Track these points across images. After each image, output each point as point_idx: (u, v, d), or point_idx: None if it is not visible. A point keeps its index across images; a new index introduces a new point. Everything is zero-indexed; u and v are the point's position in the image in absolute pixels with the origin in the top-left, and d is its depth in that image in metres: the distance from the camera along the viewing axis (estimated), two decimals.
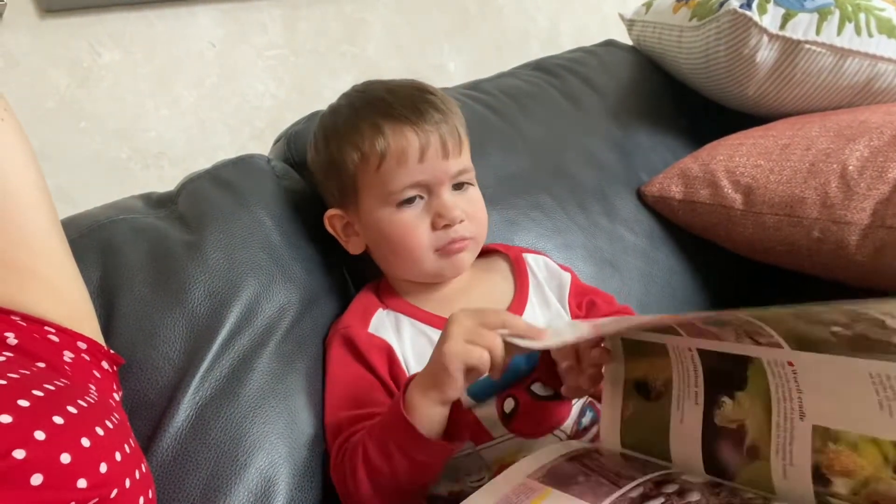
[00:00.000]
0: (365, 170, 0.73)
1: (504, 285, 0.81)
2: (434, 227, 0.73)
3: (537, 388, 0.71)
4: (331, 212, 0.79)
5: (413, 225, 0.73)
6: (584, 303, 0.82)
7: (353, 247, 0.79)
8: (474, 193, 0.77)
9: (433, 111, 0.73)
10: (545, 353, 0.73)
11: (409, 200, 0.73)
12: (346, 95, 0.80)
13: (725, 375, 0.55)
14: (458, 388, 0.59)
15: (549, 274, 0.83)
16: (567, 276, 0.83)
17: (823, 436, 0.49)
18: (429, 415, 0.60)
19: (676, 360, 0.59)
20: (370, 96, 0.77)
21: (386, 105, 0.74)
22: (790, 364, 0.50)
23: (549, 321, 0.78)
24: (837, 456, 0.48)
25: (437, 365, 0.59)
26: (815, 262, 0.96)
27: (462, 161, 0.75)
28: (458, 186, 0.75)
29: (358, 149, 0.73)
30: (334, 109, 0.80)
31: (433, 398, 0.59)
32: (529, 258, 0.84)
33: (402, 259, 0.76)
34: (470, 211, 0.75)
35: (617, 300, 0.95)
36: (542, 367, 0.73)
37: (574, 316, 0.81)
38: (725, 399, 0.56)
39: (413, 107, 0.73)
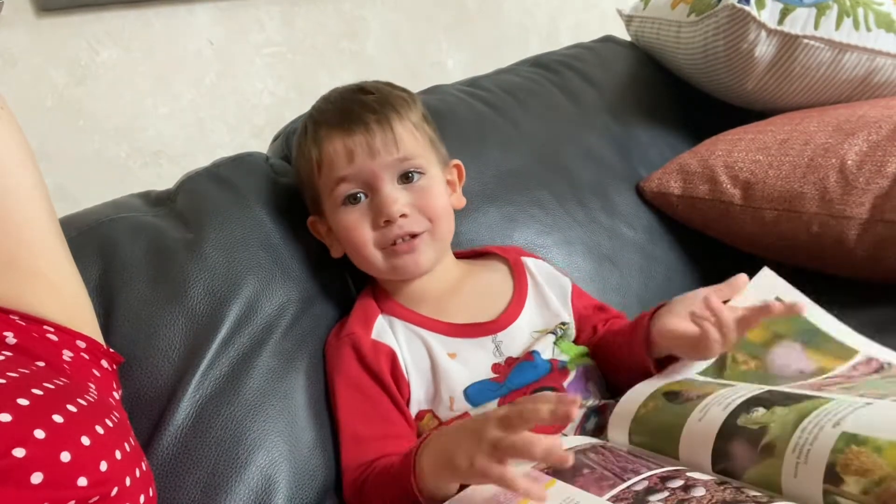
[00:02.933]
0: (315, 178, 0.76)
1: (503, 285, 0.81)
2: (376, 224, 0.73)
3: None
4: (310, 219, 0.81)
5: (356, 223, 0.74)
6: (590, 306, 0.82)
7: (335, 251, 0.80)
8: (426, 183, 0.75)
9: (363, 111, 0.74)
10: (554, 364, 0.73)
11: (353, 199, 0.74)
12: (310, 108, 0.82)
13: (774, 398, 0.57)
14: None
15: (549, 276, 0.83)
16: (567, 281, 0.83)
17: (849, 440, 0.49)
18: (440, 488, 0.59)
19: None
20: (316, 109, 0.80)
21: (321, 114, 0.77)
22: None
23: (547, 322, 0.78)
24: (857, 457, 0.48)
25: (456, 463, 0.55)
26: (814, 256, 0.96)
27: (399, 154, 0.73)
28: (407, 178, 0.74)
29: (305, 160, 0.77)
30: (300, 123, 0.82)
31: (446, 478, 0.58)
32: (528, 261, 0.84)
33: (356, 258, 0.77)
34: (419, 202, 0.74)
35: (616, 296, 0.96)
36: (551, 376, 0.73)
37: (578, 317, 0.80)
38: (760, 409, 0.56)
39: (341, 110, 0.75)
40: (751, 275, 0.72)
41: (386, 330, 0.75)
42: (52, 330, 0.57)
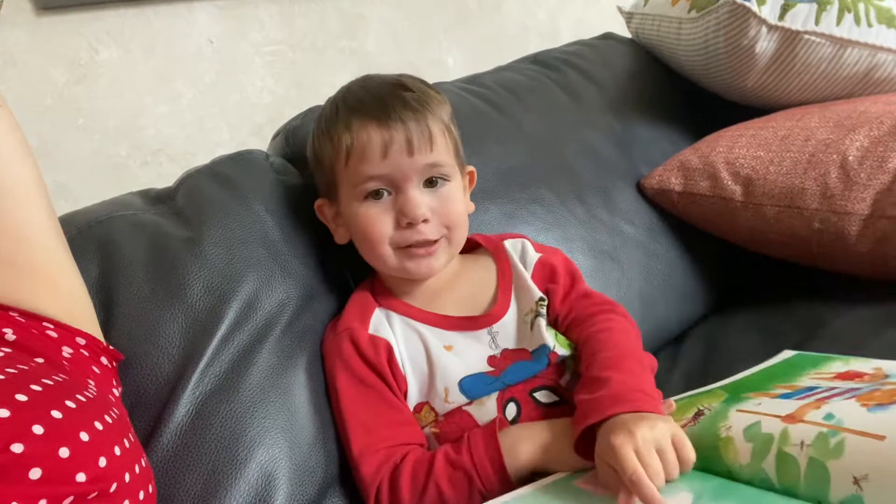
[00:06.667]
0: (338, 164, 0.75)
1: (489, 277, 0.81)
2: (398, 224, 0.73)
3: (541, 395, 0.71)
4: (319, 201, 0.80)
5: (376, 218, 0.73)
6: (570, 288, 0.79)
7: (340, 236, 0.80)
8: (449, 190, 0.76)
9: (403, 108, 0.73)
10: (552, 359, 0.73)
11: (376, 195, 0.73)
12: (340, 89, 0.81)
13: None
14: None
15: (522, 254, 0.82)
16: (533, 257, 0.81)
17: None
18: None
19: None
20: (350, 93, 0.78)
21: (358, 102, 0.75)
22: None
23: (528, 302, 0.77)
24: None
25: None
26: (815, 252, 0.96)
27: (432, 157, 0.73)
28: (431, 183, 0.74)
29: (331, 144, 0.75)
30: (326, 104, 0.81)
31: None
32: (508, 244, 0.83)
33: (368, 252, 0.76)
34: (440, 209, 0.74)
35: (617, 293, 0.95)
36: (547, 374, 0.73)
37: (560, 300, 0.78)
38: None
39: (381, 104, 0.73)
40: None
41: (383, 323, 0.75)
42: (51, 327, 0.57)
